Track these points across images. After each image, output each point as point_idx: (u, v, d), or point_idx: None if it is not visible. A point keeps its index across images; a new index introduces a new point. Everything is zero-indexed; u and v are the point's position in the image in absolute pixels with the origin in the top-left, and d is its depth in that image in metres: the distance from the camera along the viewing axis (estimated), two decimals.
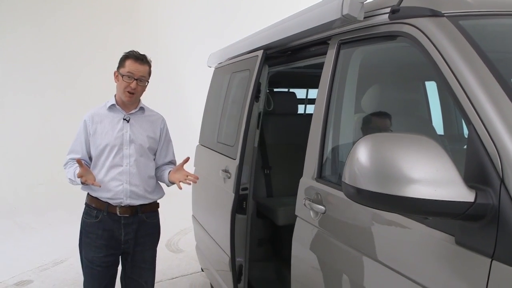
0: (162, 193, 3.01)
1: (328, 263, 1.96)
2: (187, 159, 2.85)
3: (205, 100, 4.47)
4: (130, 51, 2.82)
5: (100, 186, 2.70)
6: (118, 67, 2.80)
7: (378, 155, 1.15)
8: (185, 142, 4.53)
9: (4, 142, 8.96)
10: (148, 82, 2.84)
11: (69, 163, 2.82)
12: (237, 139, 3.09)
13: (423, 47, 1.51)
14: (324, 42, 2.35)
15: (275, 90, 4.59)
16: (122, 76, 2.73)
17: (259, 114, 3.21)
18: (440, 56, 1.42)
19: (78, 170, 2.65)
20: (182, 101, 10.84)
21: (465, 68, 1.33)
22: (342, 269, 1.83)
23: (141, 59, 2.77)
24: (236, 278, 3.10)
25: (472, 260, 1.19)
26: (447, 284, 1.28)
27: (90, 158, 2.85)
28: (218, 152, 3.57)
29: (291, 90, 4.79)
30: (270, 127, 4.07)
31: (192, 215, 4.47)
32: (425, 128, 2.46)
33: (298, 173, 2.30)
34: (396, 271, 1.47)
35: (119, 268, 2.98)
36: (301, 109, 4.87)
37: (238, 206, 3.01)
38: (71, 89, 9.55)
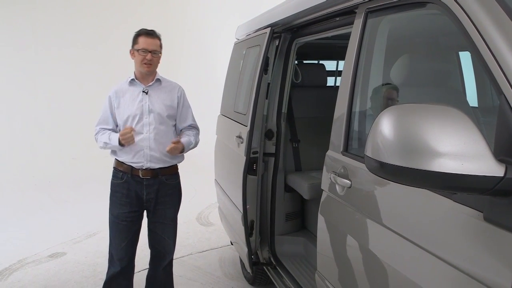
0: (181, 158, 3.30)
1: (354, 237, 1.93)
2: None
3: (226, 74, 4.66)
4: (141, 29, 3.13)
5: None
6: (133, 45, 3.11)
7: (403, 127, 1.09)
8: (217, 113, 4.56)
9: (39, 117, 9.13)
10: (161, 54, 3.14)
11: (100, 132, 3.17)
12: (248, 108, 3.32)
13: (453, 13, 1.42)
14: (351, 12, 2.28)
15: (305, 62, 4.52)
16: (138, 51, 3.05)
17: (268, 85, 3.50)
18: (471, 23, 1.33)
19: (113, 135, 3.06)
20: (214, 74, 10.84)
21: (497, 35, 1.24)
22: (367, 244, 1.80)
23: (151, 34, 3.10)
24: (248, 232, 3.35)
25: (501, 238, 1.14)
26: (474, 262, 1.23)
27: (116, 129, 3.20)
28: (234, 120, 3.79)
29: (321, 62, 4.70)
30: (298, 99, 4.01)
31: (215, 179, 4.64)
32: (457, 99, 2.37)
33: (327, 146, 2.28)
34: (422, 248, 1.43)
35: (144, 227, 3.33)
36: (331, 81, 4.78)
37: (249, 168, 3.30)
38: (108, 66, 9.51)
